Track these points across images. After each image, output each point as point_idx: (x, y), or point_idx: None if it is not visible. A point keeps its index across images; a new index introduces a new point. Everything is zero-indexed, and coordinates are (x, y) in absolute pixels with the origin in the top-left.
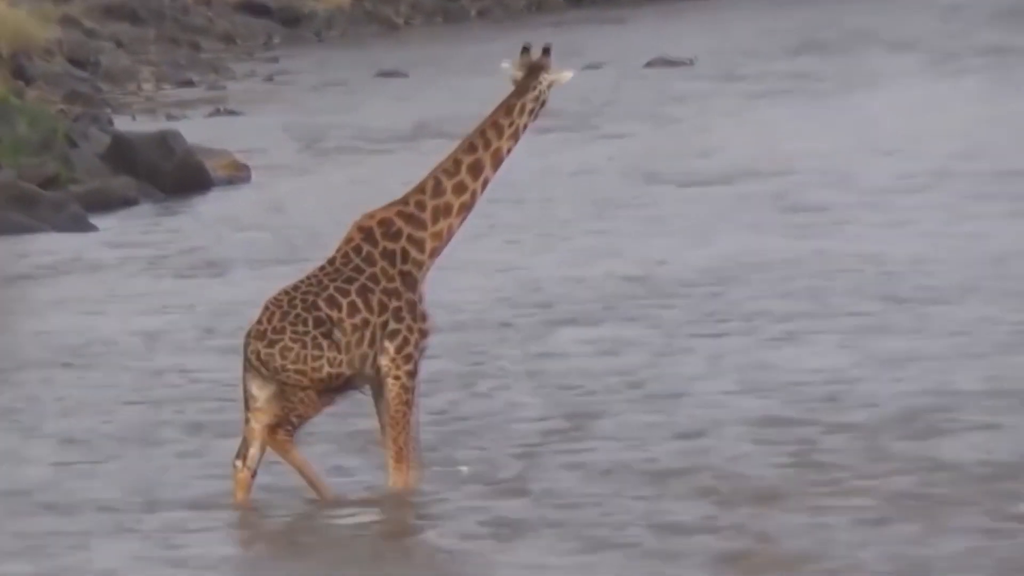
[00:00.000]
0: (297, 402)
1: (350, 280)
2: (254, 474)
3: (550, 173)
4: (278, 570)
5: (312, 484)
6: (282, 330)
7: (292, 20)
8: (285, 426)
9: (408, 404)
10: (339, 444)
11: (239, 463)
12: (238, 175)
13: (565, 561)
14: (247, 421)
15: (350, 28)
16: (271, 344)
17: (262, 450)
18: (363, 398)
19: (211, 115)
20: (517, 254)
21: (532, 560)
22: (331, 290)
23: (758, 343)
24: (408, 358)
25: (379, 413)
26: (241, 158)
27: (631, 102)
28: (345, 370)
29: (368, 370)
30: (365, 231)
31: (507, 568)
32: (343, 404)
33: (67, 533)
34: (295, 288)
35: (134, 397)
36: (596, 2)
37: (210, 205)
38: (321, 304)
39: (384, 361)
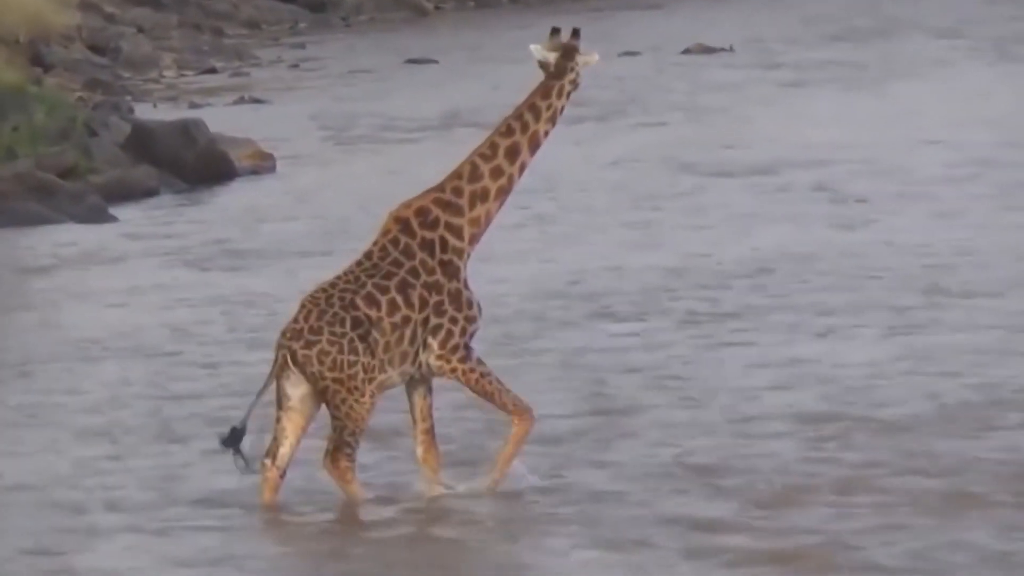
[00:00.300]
0: (343, 415)
1: (389, 275)
2: (283, 474)
3: (586, 163)
4: (302, 572)
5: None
6: (319, 330)
7: (319, 5)
8: (344, 450)
9: (485, 377)
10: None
11: (268, 462)
12: (263, 165)
13: (593, 556)
14: (278, 420)
15: (378, 13)
16: (308, 345)
17: (292, 450)
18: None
19: (235, 103)
20: (554, 245)
21: (560, 557)
22: (369, 287)
23: (797, 337)
24: (455, 348)
25: (412, 407)
26: (266, 147)
27: (668, 90)
28: (381, 375)
29: (409, 367)
30: (402, 222)
31: (533, 566)
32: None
33: (78, 531)
34: (332, 285)
35: (155, 392)
36: None
37: (233, 196)
38: (360, 303)
39: (431, 359)
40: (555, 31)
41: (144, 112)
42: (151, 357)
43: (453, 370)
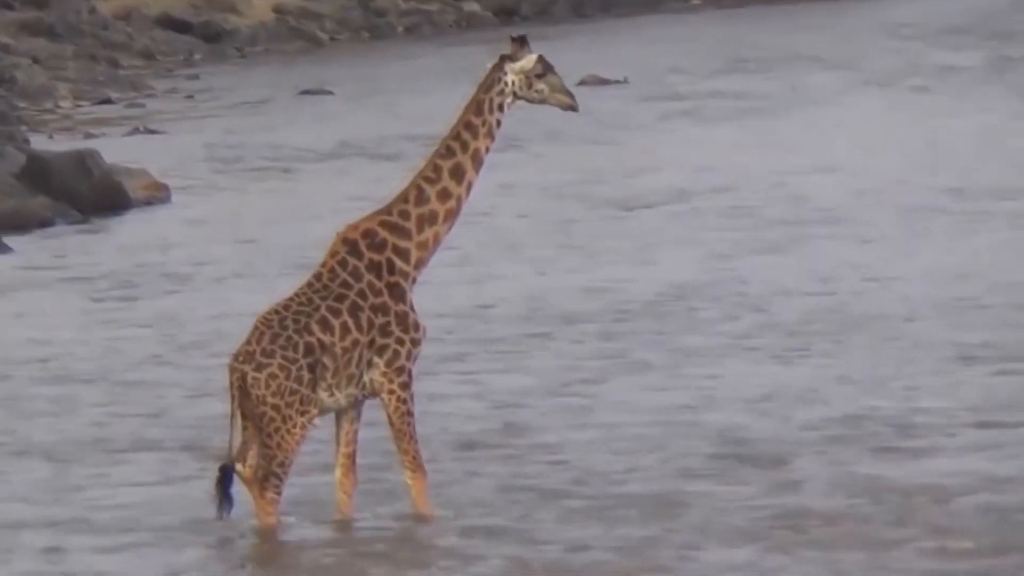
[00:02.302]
0: (275, 445)
1: (340, 298)
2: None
3: (483, 194)
4: None
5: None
6: (272, 354)
7: (214, 36)
8: (272, 481)
9: (409, 414)
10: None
11: (239, 466)
12: (157, 196)
13: None
14: (245, 428)
15: (273, 44)
16: (259, 368)
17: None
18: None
19: (130, 133)
20: (459, 275)
21: None
22: (323, 311)
23: (690, 369)
24: (400, 370)
25: (339, 430)
26: (161, 178)
27: (566, 120)
28: (315, 408)
29: (355, 389)
30: (350, 243)
31: None
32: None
33: None
34: (286, 307)
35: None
36: (526, 20)
37: (128, 226)
38: (314, 327)
39: (376, 375)
40: (514, 40)
41: (40, 143)
42: (36, 386)
43: (391, 392)
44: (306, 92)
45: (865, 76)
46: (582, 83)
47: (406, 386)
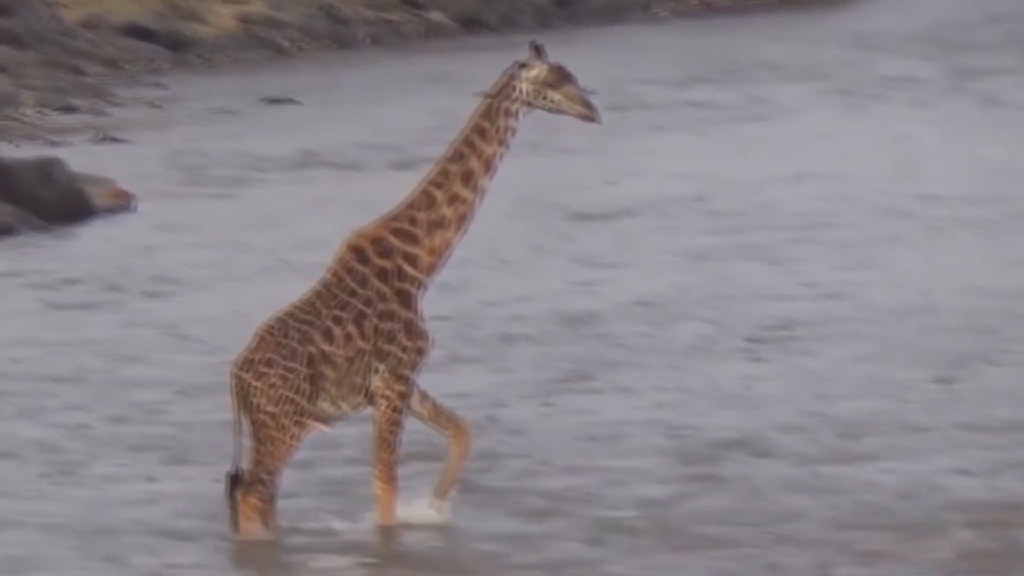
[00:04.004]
0: (266, 453)
1: (345, 306)
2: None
3: None
4: None
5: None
6: (272, 363)
7: (178, 45)
8: (259, 487)
9: (398, 424)
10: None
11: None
12: (121, 204)
13: None
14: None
15: (238, 53)
16: (259, 377)
17: None
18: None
19: (94, 142)
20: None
21: None
22: (327, 320)
23: (659, 371)
24: (401, 378)
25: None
26: (124, 186)
27: (526, 130)
28: (309, 421)
29: (360, 398)
30: (357, 250)
31: None
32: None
33: None
34: (290, 315)
35: None
36: (490, 29)
37: (92, 235)
38: (316, 337)
39: (376, 382)
40: (532, 46)
41: (3, 150)
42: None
43: (386, 398)
44: (271, 100)
45: (830, 86)
46: None
47: (404, 396)
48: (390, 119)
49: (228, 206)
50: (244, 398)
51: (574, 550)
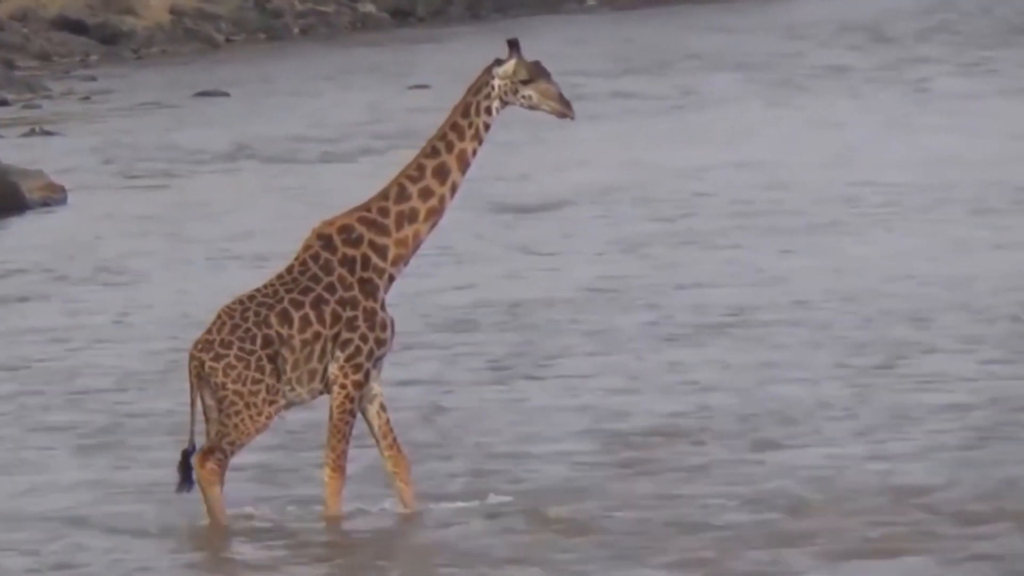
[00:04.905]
0: (232, 426)
1: (306, 291)
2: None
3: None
4: None
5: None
6: (229, 344)
7: (110, 38)
8: (217, 454)
9: (351, 413)
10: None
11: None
12: (54, 197)
13: None
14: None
15: (170, 46)
16: (216, 358)
17: None
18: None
19: (26, 135)
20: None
21: None
22: (285, 303)
23: (601, 358)
24: (357, 367)
25: (371, 427)
26: (57, 179)
27: None
28: (283, 400)
29: (318, 384)
30: (324, 238)
31: None
32: None
33: None
34: (250, 298)
35: None
36: (422, 21)
37: (24, 228)
38: (273, 320)
39: (333, 368)
40: (511, 44)
41: None
42: None
43: (342, 386)
44: (202, 93)
45: (765, 76)
46: None
47: (359, 385)
48: (322, 111)
49: (162, 198)
50: (200, 378)
51: (477, 532)
